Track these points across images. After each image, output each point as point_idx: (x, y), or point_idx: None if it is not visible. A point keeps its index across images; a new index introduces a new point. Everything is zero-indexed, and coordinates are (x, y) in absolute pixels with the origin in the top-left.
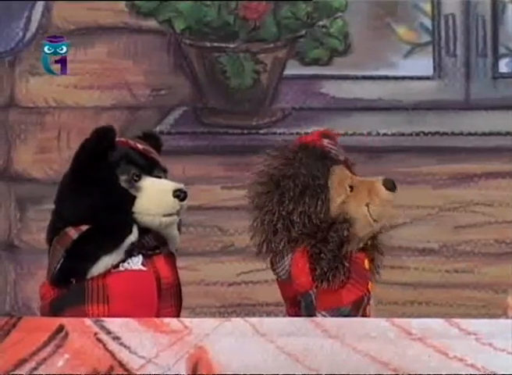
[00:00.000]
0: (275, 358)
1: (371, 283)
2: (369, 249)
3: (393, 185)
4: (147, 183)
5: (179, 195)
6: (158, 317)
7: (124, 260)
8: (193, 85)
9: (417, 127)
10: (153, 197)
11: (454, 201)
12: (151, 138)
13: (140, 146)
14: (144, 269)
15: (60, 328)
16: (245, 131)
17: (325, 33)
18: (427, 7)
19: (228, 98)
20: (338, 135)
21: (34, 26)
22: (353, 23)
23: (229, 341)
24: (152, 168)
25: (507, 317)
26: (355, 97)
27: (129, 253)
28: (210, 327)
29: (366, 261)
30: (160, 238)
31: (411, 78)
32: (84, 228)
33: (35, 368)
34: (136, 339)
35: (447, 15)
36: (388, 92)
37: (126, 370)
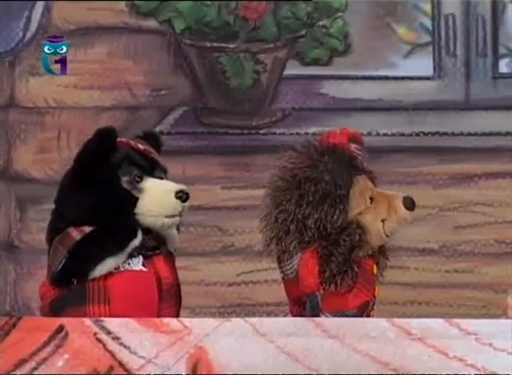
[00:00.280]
0: (275, 358)
1: (377, 288)
2: (375, 254)
3: (413, 204)
4: (149, 184)
5: (181, 196)
6: (159, 317)
7: (124, 261)
8: (193, 85)
9: (417, 127)
10: (155, 198)
11: (454, 201)
12: (152, 138)
13: (141, 147)
14: (145, 269)
15: (60, 328)
16: (245, 131)
17: (325, 33)
18: (427, 7)
19: (228, 98)
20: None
21: (34, 26)
22: (353, 23)
23: (229, 341)
24: (153, 169)
25: (507, 317)
26: (355, 97)
27: (129, 254)
28: (210, 327)
29: (374, 267)
30: (159, 238)
31: (411, 78)
32: (87, 229)
33: (35, 368)
34: (136, 339)
35: (447, 15)
36: (388, 92)
37: (126, 370)
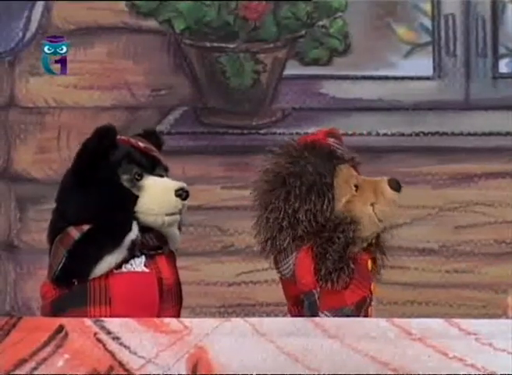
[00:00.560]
0: (274, 358)
1: (373, 283)
2: (372, 249)
3: (398, 185)
4: (149, 182)
5: (181, 194)
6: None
7: (127, 261)
8: (193, 85)
9: (417, 127)
10: (155, 196)
11: (454, 201)
12: (152, 136)
13: (142, 144)
14: (147, 270)
15: (60, 328)
16: (245, 131)
17: (325, 33)
18: (427, 7)
19: (228, 98)
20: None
21: (34, 26)
22: (353, 23)
23: (229, 341)
24: (154, 166)
25: (507, 317)
26: (355, 97)
27: (131, 252)
28: (210, 327)
29: (369, 262)
30: (161, 238)
31: (411, 78)
32: (86, 228)
33: (35, 368)
34: (136, 339)
35: (447, 15)
36: (388, 92)
37: (126, 370)
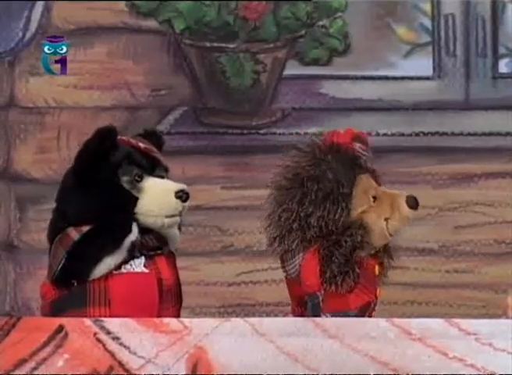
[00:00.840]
0: (274, 358)
1: (379, 288)
2: (380, 254)
3: (416, 203)
4: (149, 183)
5: (181, 196)
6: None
7: (127, 261)
8: (193, 85)
9: (417, 127)
10: (155, 198)
11: (454, 201)
12: (153, 136)
13: (142, 145)
14: (146, 271)
15: (60, 328)
16: (245, 131)
17: (325, 33)
18: (427, 7)
19: (228, 98)
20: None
21: (34, 26)
22: (353, 23)
23: (229, 341)
24: (154, 167)
25: (507, 317)
26: (355, 97)
27: (131, 253)
28: (210, 327)
29: (377, 267)
30: (161, 238)
31: (411, 78)
32: (85, 229)
33: (35, 368)
34: (135, 339)
35: (447, 15)
36: (388, 92)
37: (126, 370)
